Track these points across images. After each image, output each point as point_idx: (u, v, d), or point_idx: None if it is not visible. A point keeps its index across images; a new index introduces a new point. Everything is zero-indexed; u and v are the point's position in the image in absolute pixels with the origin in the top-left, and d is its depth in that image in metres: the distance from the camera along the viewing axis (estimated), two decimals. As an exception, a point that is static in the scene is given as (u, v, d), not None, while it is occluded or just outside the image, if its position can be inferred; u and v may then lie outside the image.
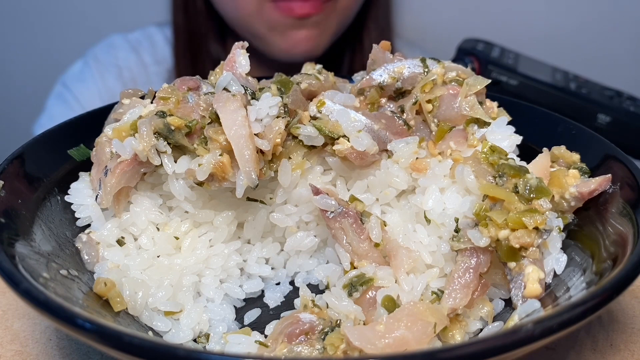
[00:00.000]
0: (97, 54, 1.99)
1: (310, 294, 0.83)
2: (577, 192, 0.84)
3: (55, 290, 0.71)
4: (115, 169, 0.85)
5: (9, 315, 0.91)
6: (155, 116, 0.84)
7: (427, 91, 0.94)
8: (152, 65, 2.00)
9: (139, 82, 1.96)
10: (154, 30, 2.04)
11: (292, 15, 1.67)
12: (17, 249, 0.75)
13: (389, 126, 0.93)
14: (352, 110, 0.93)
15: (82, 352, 0.84)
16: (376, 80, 0.96)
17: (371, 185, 0.93)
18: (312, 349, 0.74)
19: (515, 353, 0.60)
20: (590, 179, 0.86)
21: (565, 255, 0.83)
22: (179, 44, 1.93)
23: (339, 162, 0.92)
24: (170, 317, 0.84)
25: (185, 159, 0.86)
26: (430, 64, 0.96)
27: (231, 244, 0.93)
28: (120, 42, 2.01)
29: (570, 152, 0.91)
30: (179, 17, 1.91)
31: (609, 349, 0.84)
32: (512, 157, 0.87)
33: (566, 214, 0.86)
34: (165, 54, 1.99)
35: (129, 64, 1.98)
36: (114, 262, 0.86)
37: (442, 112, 0.94)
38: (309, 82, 0.96)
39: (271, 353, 0.75)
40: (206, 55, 1.90)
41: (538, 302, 0.76)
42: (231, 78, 0.88)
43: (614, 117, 1.56)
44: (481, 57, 1.62)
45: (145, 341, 0.60)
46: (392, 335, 0.69)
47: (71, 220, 0.91)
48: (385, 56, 0.99)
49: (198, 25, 1.89)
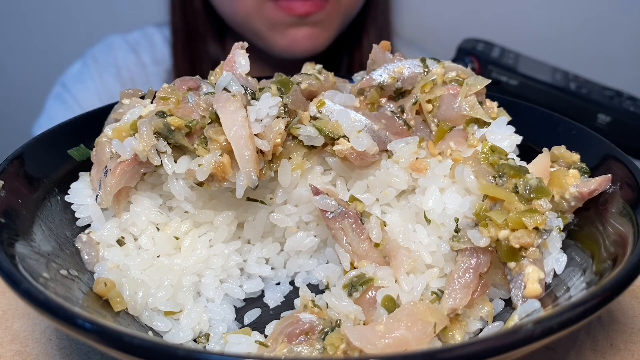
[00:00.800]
0: (96, 55, 1.99)
1: (310, 294, 0.83)
2: (577, 192, 0.84)
3: (55, 290, 0.71)
4: (115, 169, 0.85)
5: (9, 315, 0.91)
6: (155, 116, 0.84)
7: (427, 91, 0.94)
8: (151, 65, 2.00)
9: (138, 82, 1.96)
10: (152, 31, 2.04)
11: (293, 14, 1.67)
12: (17, 249, 0.75)
13: (389, 126, 0.93)
14: (352, 110, 0.93)
15: (82, 352, 0.84)
16: (376, 80, 0.96)
17: (371, 185, 0.93)
18: (312, 349, 0.74)
19: (515, 353, 0.60)
20: (590, 179, 0.86)
21: (565, 255, 0.83)
22: (178, 44, 1.93)
23: (339, 162, 0.92)
24: (170, 317, 0.84)
25: (185, 159, 0.86)
26: (430, 64, 0.96)
27: (231, 244, 0.93)
28: (119, 43, 2.01)
29: (570, 152, 0.91)
30: (177, 17, 1.91)
31: (609, 349, 0.84)
32: (512, 157, 0.87)
33: (566, 214, 0.86)
34: (164, 54, 1.99)
35: (127, 64, 1.98)
36: (114, 262, 0.86)
37: (442, 112, 0.94)
38: (309, 82, 0.96)
39: (271, 353, 0.75)
40: (205, 55, 1.90)
41: (538, 302, 0.76)
42: (231, 78, 0.88)
43: (614, 117, 1.56)
44: (481, 57, 1.62)
45: (145, 341, 0.60)
46: (392, 335, 0.69)
47: (71, 220, 0.91)
48: (385, 56, 0.99)
49: (196, 25, 1.89)
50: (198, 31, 1.89)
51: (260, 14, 1.69)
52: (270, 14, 1.68)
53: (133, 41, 2.02)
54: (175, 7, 1.91)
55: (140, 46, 2.01)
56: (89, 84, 1.93)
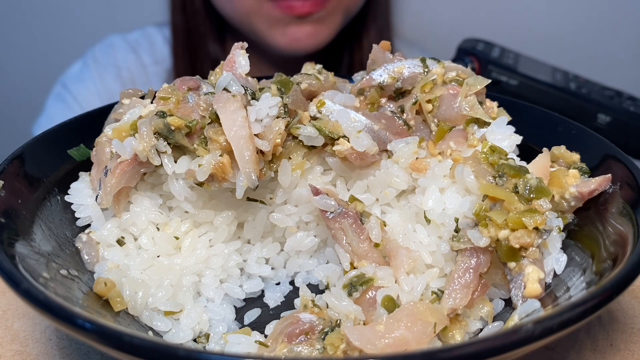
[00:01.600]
0: (96, 55, 1.99)
1: (310, 294, 0.83)
2: (577, 192, 0.84)
3: (55, 290, 0.71)
4: (115, 169, 0.85)
5: (9, 315, 0.91)
6: (155, 116, 0.84)
7: (427, 91, 0.94)
8: (151, 65, 2.00)
9: (138, 82, 1.96)
10: (152, 31, 2.04)
11: (292, 14, 1.67)
12: (17, 249, 0.75)
13: (389, 126, 0.93)
14: (352, 110, 0.93)
15: (82, 352, 0.84)
16: (376, 80, 0.96)
17: (371, 185, 0.93)
18: (312, 349, 0.74)
19: (515, 353, 0.60)
20: (590, 179, 0.86)
21: (565, 255, 0.83)
22: (178, 43, 1.93)
23: (339, 162, 0.92)
24: (170, 317, 0.84)
25: (186, 159, 0.86)
26: (430, 64, 0.96)
27: (231, 244, 0.93)
28: (119, 43, 2.01)
29: (570, 152, 0.91)
30: (177, 17, 1.91)
31: (608, 349, 0.84)
32: (512, 157, 0.87)
33: (566, 214, 0.86)
34: (164, 54, 1.99)
35: (128, 64, 1.98)
36: (114, 262, 0.86)
37: (442, 112, 0.94)
38: (309, 82, 0.96)
39: (271, 353, 0.75)
40: (205, 55, 1.90)
41: (538, 302, 0.76)
42: (231, 78, 0.88)
43: (614, 117, 1.56)
44: (481, 57, 1.62)
45: (145, 341, 0.60)
46: (392, 335, 0.69)
47: (71, 220, 0.91)
48: (385, 56, 0.99)
49: (196, 24, 1.89)
50: (198, 31, 1.89)
51: (260, 12, 1.69)
52: (270, 13, 1.68)
53: (133, 41, 2.02)
54: (175, 7, 1.91)
55: (141, 46, 2.01)
56: (89, 84, 1.93)
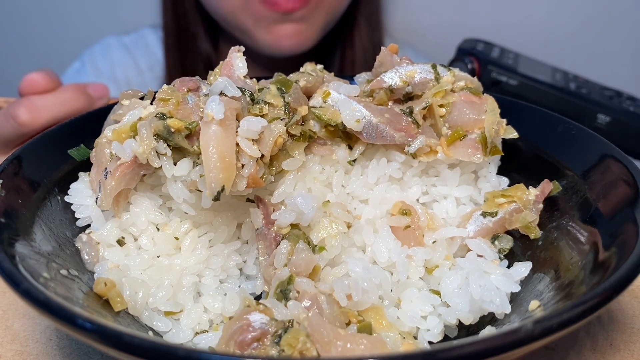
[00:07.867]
0: (93, 55, 2.01)
1: (249, 295, 0.80)
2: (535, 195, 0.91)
3: (56, 290, 0.71)
4: (115, 172, 0.85)
5: (9, 315, 0.91)
6: (155, 118, 0.84)
7: (440, 98, 0.94)
8: (146, 66, 2.02)
9: (133, 83, 1.97)
10: (148, 32, 2.06)
11: (278, 10, 1.67)
12: (17, 249, 0.75)
13: (392, 121, 0.92)
14: (355, 101, 0.93)
15: (82, 352, 0.84)
16: (387, 82, 0.96)
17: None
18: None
19: (515, 353, 0.60)
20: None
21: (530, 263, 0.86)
22: (169, 42, 1.94)
23: (345, 155, 0.93)
24: (171, 317, 0.85)
25: (185, 162, 0.85)
26: (441, 71, 0.97)
27: (231, 244, 0.93)
28: (115, 44, 2.02)
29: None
30: (168, 17, 1.92)
31: (608, 348, 0.84)
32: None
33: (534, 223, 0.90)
34: (159, 56, 2.01)
35: (123, 66, 1.99)
36: (114, 262, 0.86)
37: (454, 117, 0.94)
38: (306, 79, 0.97)
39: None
40: (197, 54, 1.91)
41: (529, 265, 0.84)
42: (226, 82, 0.86)
43: (614, 117, 1.56)
44: (481, 57, 1.62)
45: (145, 341, 0.60)
46: (347, 346, 0.68)
47: (71, 220, 0.91)
48: (392, 59, 0.99)
49: (187, 24, 1.89)
50: (189, 30, 1.90)
51: (246, 9, 1.70)
52: (255, 9, 1.68)
53: (129, 42, 2.03)
54: (166, 7, 1.92)
55: (136, 47, 2.03)
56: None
